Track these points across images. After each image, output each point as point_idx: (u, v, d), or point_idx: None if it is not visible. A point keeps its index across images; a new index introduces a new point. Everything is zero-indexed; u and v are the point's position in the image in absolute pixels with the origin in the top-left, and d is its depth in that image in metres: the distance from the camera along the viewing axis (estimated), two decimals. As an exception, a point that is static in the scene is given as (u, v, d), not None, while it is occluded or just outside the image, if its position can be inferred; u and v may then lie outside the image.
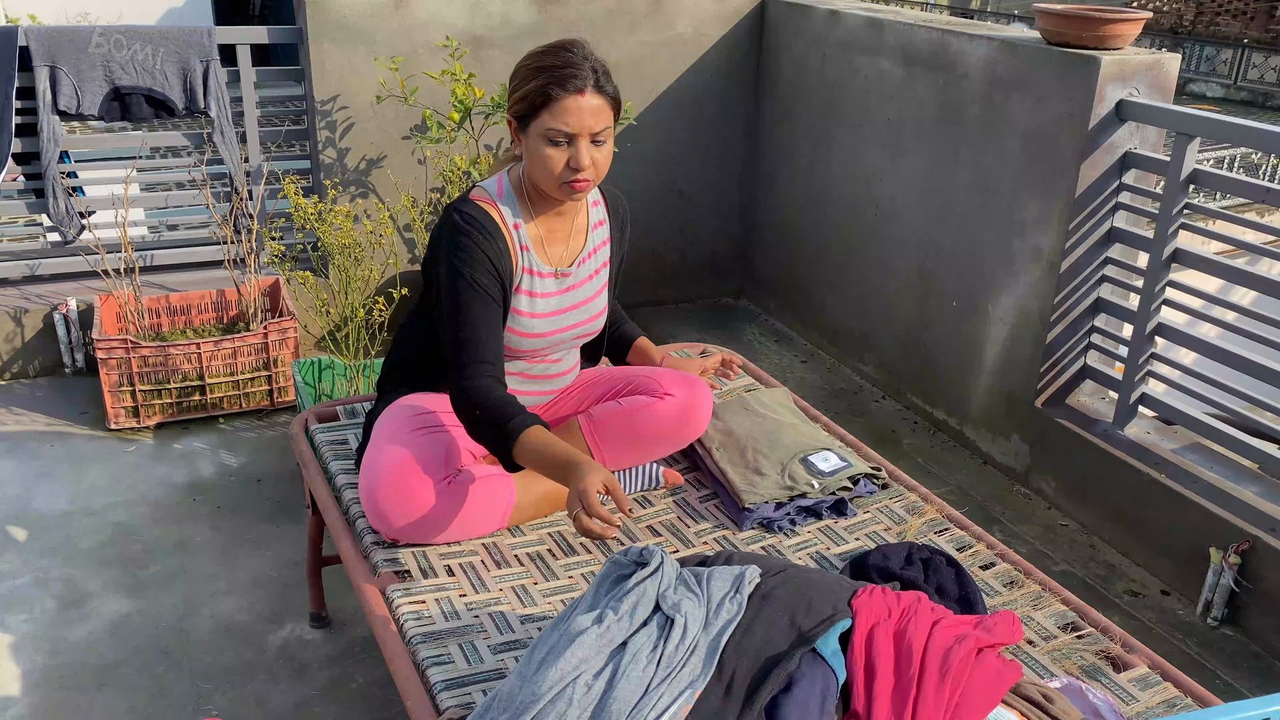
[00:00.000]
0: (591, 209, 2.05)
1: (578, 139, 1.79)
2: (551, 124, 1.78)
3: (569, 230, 1.99)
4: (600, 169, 1.84)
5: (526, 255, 1.92)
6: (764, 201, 4.39)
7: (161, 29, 3.45)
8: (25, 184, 3.52)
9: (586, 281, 2.02)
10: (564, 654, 1.32)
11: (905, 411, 3.67)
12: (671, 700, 1.28)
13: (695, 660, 1.34)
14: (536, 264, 1.94)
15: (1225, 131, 2.71)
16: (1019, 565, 1.91)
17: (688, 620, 1.37)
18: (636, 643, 1.35)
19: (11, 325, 3.51)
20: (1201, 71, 16.62)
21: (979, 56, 3.18)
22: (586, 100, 1.78)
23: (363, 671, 2.33)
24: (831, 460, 2.12)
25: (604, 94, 1.81)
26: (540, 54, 1.83)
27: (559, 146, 1.80)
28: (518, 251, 1.91)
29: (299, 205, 3.29)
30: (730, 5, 4.17)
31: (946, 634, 1.34)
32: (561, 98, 1.77)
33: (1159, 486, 2.77)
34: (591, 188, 1.87)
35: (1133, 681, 1.62)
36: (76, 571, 2.62)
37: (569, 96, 1.77)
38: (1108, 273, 2.99)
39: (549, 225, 1.96)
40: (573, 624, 1.36)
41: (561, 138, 1.79)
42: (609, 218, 2.08)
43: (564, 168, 1.81)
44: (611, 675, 1.31)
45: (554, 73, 1.78)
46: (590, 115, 1.79)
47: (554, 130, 1.78)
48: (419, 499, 1.83)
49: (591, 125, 1.80)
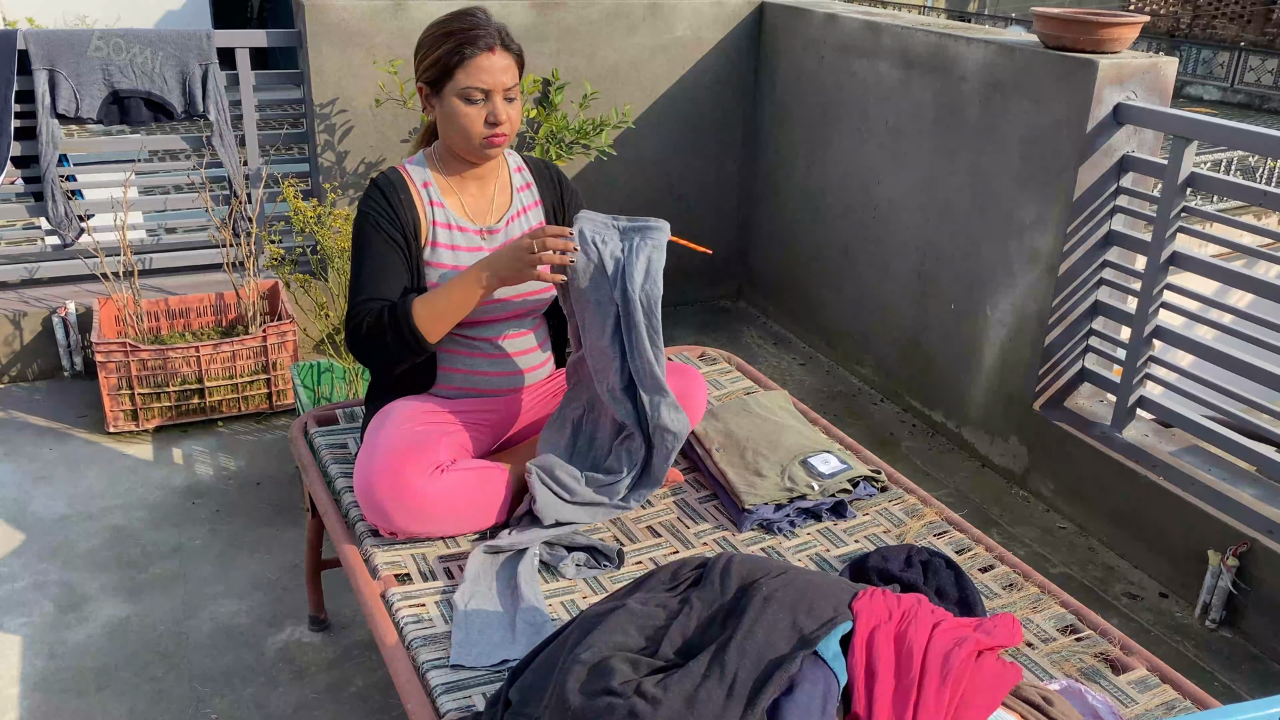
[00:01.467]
0: (515, 173, 2.11)
1: (493, 94, 1.89)
2: (467, 82, 1.88)
3: (491, 191, 2.06)
4: (514, 124, 1.94)
5: (441, 211, 1.99)
6: (762, 204, 4.40)
7: (160, 32, 3.45)
8: (24, 187, 3.52)
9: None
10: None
11: (904, 414, 3.68)
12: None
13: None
14: (455, 219, 2.00)
15: (1223, 135, 2.72)
16: (1018, 568, 1.91)
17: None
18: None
19: (10, 328, 3.51)
20: (1198, 74, 16.65)
21: (977, 60, 3.18)
22: (497, 58, 1.89)
23: (362, 675, 2.33)
24: (831, 462, 2.12)
25: (510, 52, 1.92)
26: (444, 21, 1.93)
27: (475, 104, 1.90)
28: (425, 206, 1.98)
29: (298, 208, 3.29)
30: (728, 8, 4.18)
31: (947, 637, 1.34)
32: (475, 55, 1.88)
33: (1157, 489, 2.78)
34: (507, 143, 1.96)
35: (1131, 684, 1.63)
36: (75, 575, 2.62)
37: (481, 54, 1.88)
38: (1106, 275, 3.00)
39: (466, 187, 2.03)
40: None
41: (479, 94, 1.89)
42: (535, 181, 2.13)
43: (482, 124, 1.91)
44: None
45: (463, 34, 1.89)
46: (502, 72, 1.90)
47: (470, 88, 1.88)
48: (414, 488, 1.83)
49: (504, 81, 1.90)
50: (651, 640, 1.36)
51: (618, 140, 4.07)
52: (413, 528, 1.87)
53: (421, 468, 1.85)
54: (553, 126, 3.80)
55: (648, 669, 1.31)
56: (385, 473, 1.83)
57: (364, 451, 1.90)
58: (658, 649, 1.35)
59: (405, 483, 1.83)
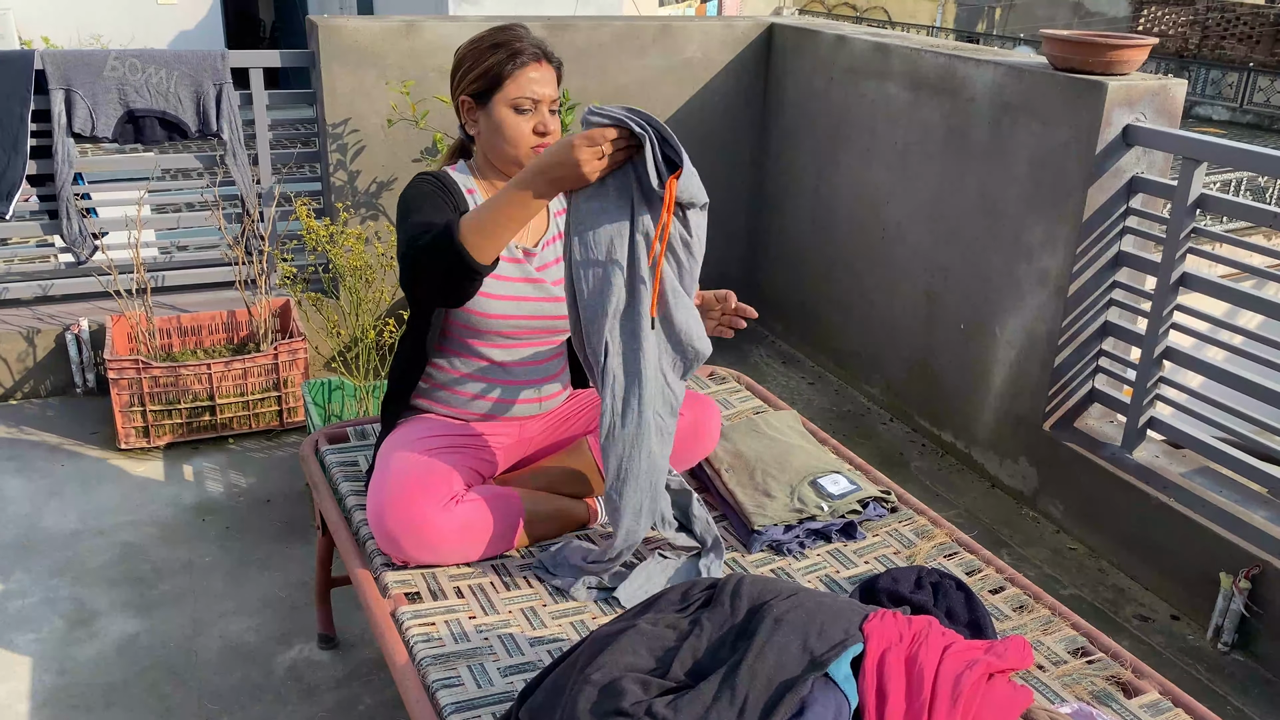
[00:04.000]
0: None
1: (540, 105, 1.92)
2: (517, 93, 1.90)
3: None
4: (558, 136, 1.94)
5: None
6: (771, 224, 4.41)
7: (175, 53, 3.49)
8: (39, 205, 3.55)
9: (554, 264, 2.04)
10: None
11: (913, 434, 3.67)
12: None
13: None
14: None
15: (1232, 157, 2.72)
16: (1028, 589, 1.91)
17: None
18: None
19: (24, 345, 3.53)
20: (1207, 95, 16.66)
21: (986, 81, 3.20)
22: (543, 70, 1.93)
23: (371, 693, 2.33)
24: (841, 483, 2.12)
25: (553, 65, 1.96)
26: (488, 35, 1.95)
27: (524, 114, 1.91)
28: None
29: (310, 227, 3.31)
30: (738, 30, 4.21)
31: (958, 659, 1.33)
32: (525, 65, 1.90)
33: (1168, 510, 2.77)
34: None
35: (1144, 707, 1.62)
36: (85, 591, 2.62)
37: (530, 65, 1.91)
38: (1115, 296, 3.00)
39: None
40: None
41: (529, 103, 1.91)
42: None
43: (531, 133, 1.92)
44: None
45: (511, 46, 1.91)
46: (548, 85, 1.93)
47: (521, 99, 1.90)
48: (427, 521, 1.83)
49: (549, 93, 1.93)
50: (662, 661, 1.36)
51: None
52: (425, 558, 1.87)
53: (435, 500, 1.84)
54: (563, 146, 3.81)
55: (658, 690, 1.31)
56: (398, 506, 1.83)
57: (376, 479, 1.90)
58: (668, 670, 1.35)
59: (418, 516, 1.82)
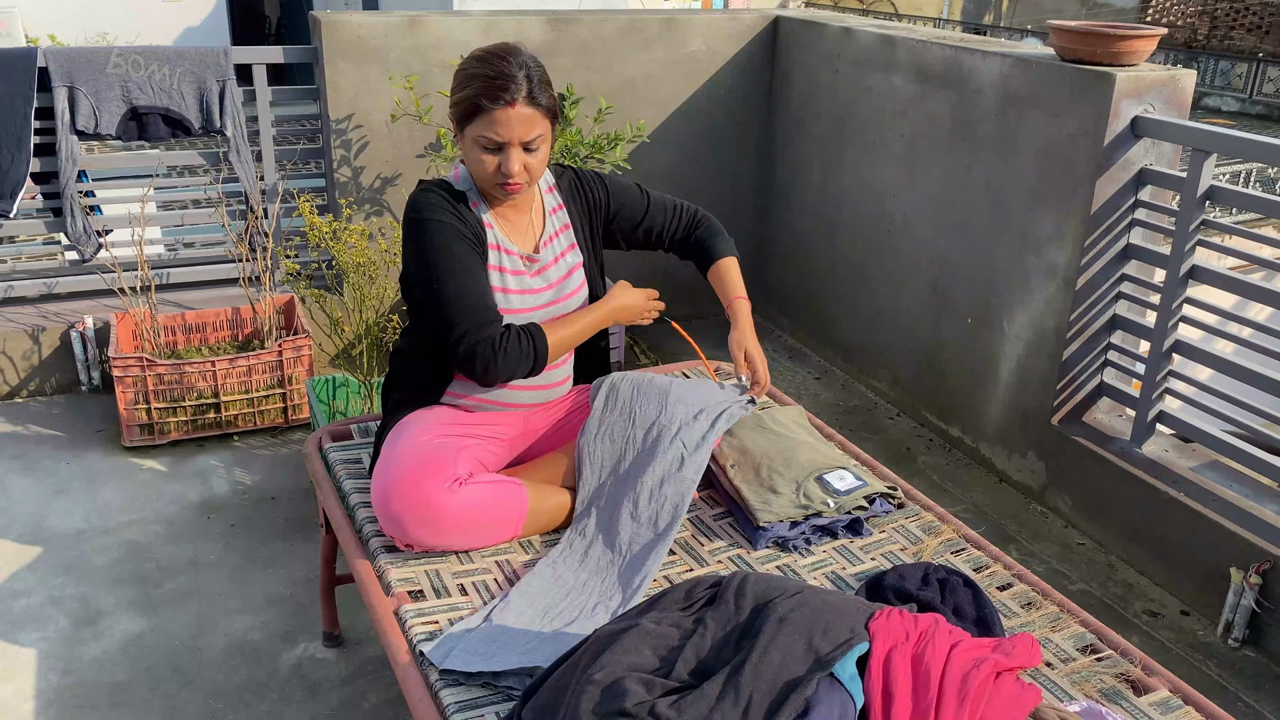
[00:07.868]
0: (546, 195, 2.10)
1: (508, 147, 1.87)
2: (482, 132, 1.86)
3: (528, 217, 2.06)
4: (533, 173, 1.92)
5: (492, 232, 1.99)
6: (777, 218, 4.39)
7: (179, 49, 3.48)
8: (43, 203, 3.55)
9: (553, 264, 2.07)
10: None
11: (920, 429, 3.66)
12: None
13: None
14: (504, 241, 2.01)
15: (1242, 148, 2.69)
16: (1036, 586, 1.89)
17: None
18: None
19: (29, 343, 3.53)
20: (1216, 85, 16.56)
21: (992, 73, 3.17)
22: (516, 112, 1.84)
23: (375, 691, 2.32)
24: (847, 479, 2.10)
25: (537, 105, 1.87)
26: (477, 60, 1.89)
27: (490, 152, 1.88)
28: (480, 227, 1.98)
29: (314, 224, 3.30)
30: (743, 23, 4.18)
31: (965, 657, 1.32)
32: (490, 109, 1.84)
33: (1177, 505, 2.75)
34: (524, 189, 1.94)
35: (1153, 705, 1.60)
36: (90, 589, 2.62)
37: (498, 109, 1.84)
38: (1124, 289, 2.98)
39: (505, 212, 2.03)
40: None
41: (492, 145, 1.87)
42: (565, 202, 2.13)
43: (495, 171, 1.89)
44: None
45: (485, 83, 1.84)
46: (520, 126, 1.85)
47: (484, 138, 1.87)
48: (431, 499, 1.83)
49: (522, 135, 1.86)
50: (665, 661, 1.35)
51: (632, 155, 4.07)
52: (428, 540, 1.86)
53: (439, 480, 1.84)
54: (567, 141, 3.80)
55: (661, 690, 1.30)
56: (403, 484, 1.83)
57: (381, 462, 1.90)
58: (671, 669, 1.33)
59: (423, 494, 1.83)
